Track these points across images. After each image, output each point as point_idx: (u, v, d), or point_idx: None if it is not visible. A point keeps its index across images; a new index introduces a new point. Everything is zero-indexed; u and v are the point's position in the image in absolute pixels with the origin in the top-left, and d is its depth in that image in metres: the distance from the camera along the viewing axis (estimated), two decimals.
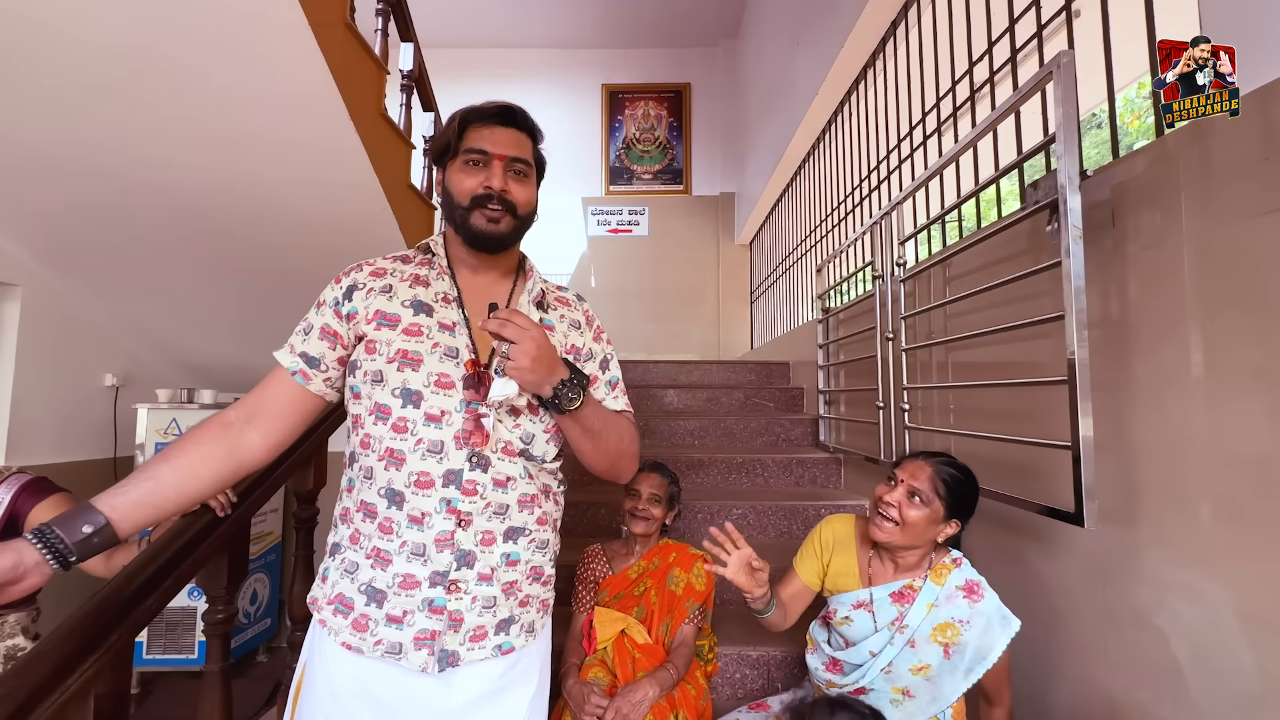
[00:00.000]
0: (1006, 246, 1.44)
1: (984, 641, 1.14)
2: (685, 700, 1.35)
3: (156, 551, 1.10)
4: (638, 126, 5.93)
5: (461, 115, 0.97)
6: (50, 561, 0.78)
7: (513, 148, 0.96)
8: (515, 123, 0.98)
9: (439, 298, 0.97)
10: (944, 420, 1.76)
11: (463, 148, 0.95)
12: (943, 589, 1.19)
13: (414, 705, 0.90)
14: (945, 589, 1.19)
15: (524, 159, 0.97)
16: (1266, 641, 0.86)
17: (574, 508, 2.30)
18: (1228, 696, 0.92)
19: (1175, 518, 1.01)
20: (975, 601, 1.17)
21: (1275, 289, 0.86)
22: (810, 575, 1.36)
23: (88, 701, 0.94)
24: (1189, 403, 0.99)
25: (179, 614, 2.99)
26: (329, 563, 0.95)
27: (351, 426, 0.96)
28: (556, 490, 1.03)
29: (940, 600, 1.18)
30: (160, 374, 3.43)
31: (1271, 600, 0.86)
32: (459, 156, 0.95)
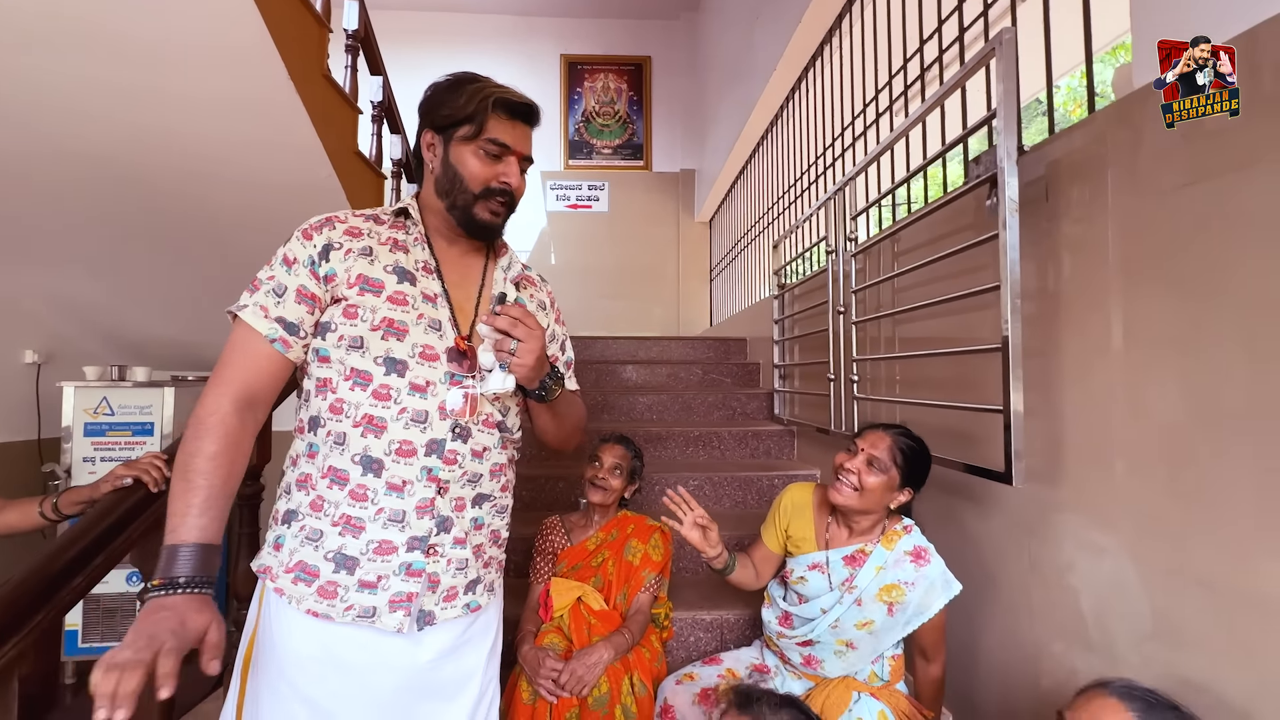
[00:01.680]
0: (952, 221, 1.49)
1: (926, 600, 1.23)
2: (640, 663, 1.38)
3: (85, 529, 1.04)
4: (597, 100, 5.82)
5: (493, 98, 0.93)
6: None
7: (528, 146, 0.99)
8: (532, 121, 0.99)
9: (420, 266, 0.97)
10: (890, 391, 1.83)
11: (484, 135, 0.93)
12: (892, 553, 1.26)
13: (383, 666, 0.90)
14: (894, 553, 1.26)
15: (531, 158, 1.00)
16: (1175, 590, 0.94)
17: (533, 482, 2.30)
18: (1139, 645, 1.00)
19: (1093, 476, 1.09)
20: (921, 566, 1.24)
21: (1188, 260, 0.92)
22: (772, 541, 1.43)
23: (11, 684, 0.90)
24: (1109, 370, 1.05)
25: (117, 600, 2.86)
26: (282, 530, 0.93)
27: (314, 390, 0.93)
28: (516, 459, 1.10)
29: (889, 564, 1.26)
30: (87, 350, 3.22)
31: (1171, 550, 0.94)
32: (476, 141, 0.93)
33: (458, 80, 0.95)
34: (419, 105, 0.98)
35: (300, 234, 0.93)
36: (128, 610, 2.88)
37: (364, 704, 0.90)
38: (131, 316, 3.07)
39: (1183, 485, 0.93)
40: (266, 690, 0.90)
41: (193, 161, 2.10)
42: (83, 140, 1.93)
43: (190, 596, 0.76)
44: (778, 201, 3.51)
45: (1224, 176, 0.87)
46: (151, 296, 2.96)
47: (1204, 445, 0.89)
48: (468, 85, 0.94)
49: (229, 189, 2.25)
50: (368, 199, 2.58)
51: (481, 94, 0.92)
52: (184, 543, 0.79)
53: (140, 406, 2.98)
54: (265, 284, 0.90)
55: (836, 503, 1.30)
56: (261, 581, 0.95)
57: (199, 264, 2.71)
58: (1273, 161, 0.81)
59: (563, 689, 1.23)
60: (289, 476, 0.95)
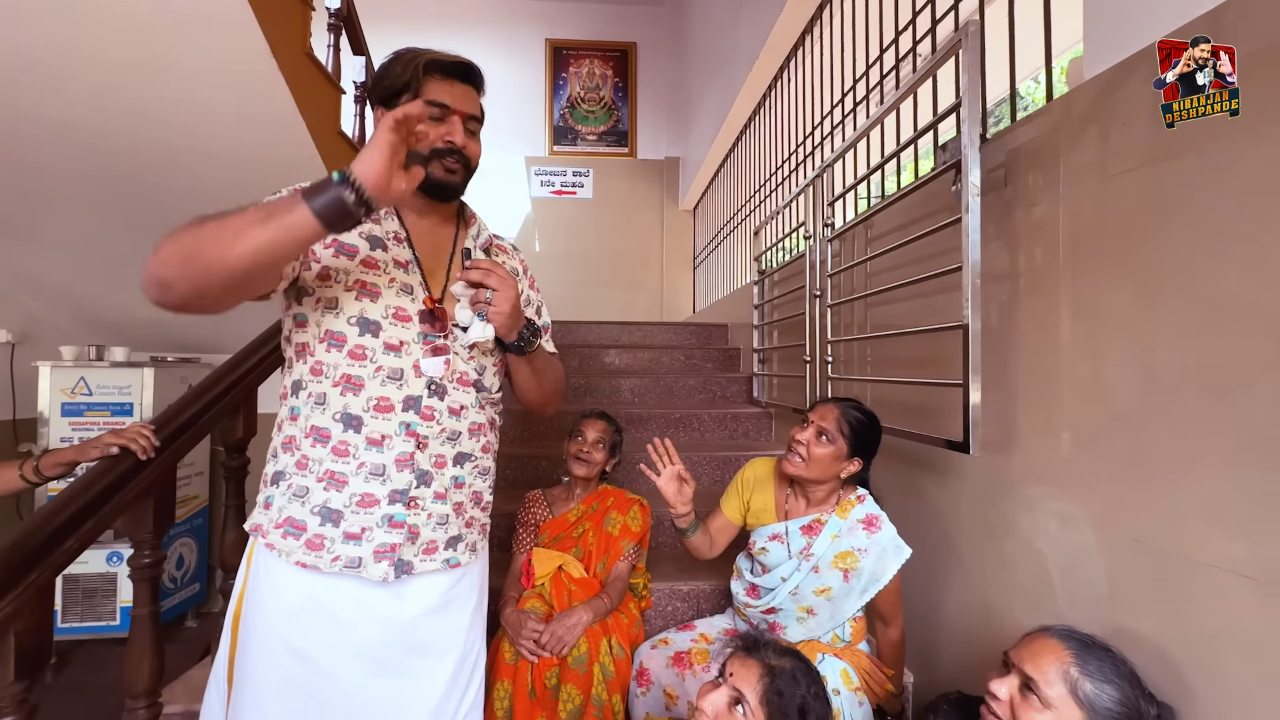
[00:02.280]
0: (923, 206, 1.55)
1: (879, 567, 1.29)
2: (619, 627, 1.44)
3: (76, 493, 1.07)
4: (582, 85, 5.80)
5: (424, 62, 0.96)
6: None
7: (471, 105, 1.00)
8: (473, 80, 1.00)
9: (390, 236, 1.00)
10: (863, 370, 1.90)
11: (423, 99, 0.95)
12: (845, 521, 1.33)
13: (370, 618, 0.94)
14: (848, 521, 1.33)
15: (478, 116, 1.01)
16: (1113, 548, 1.02)
17: (516, 461, 2.34)
18: (1081, 599, 1.08)
19: (1043, 446, 1.16)
20: (873, 533, 1.31)
21: (1127, 240, 0.99)
22: (733, 511, 1.49)
23: (8, 638, 0.93)
24: (1060, 346, 1.12)
25: (97, 581, 2.86)
26: (271, 491, 0.96)
27: (294, 356, 0.97)
28: (498, 423, 1.13)
29: (843, 531, 1.32)
30: (63, 330, 3.18)
31: (1116, 513, 1.01)
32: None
33: (395, 54, 0.99)
34: (365, 85, 1.01)
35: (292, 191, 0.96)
36: (108, 590, 2.88)
37: (351, 656, 0.94)
38: (109, 295, 3.03)
39: (1120, 453, 1.00)
40: (257, 643, 0.93)
41: (174, 138, 2.09)
42: (60, 112, 1.91)
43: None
44: (760, 189, 3.56)
45: (1158, 164, 0.93)
46: (129, 275, 2.91)
47: (1139, 416, 0.97)
48: (403, 57, 0.98)
49: (211, 167, 2.24)
50: None
51: (414, 60, 0.96)
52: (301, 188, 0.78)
53: (119, 387, 2.96)
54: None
55: (787, 472, 1.36)
56: (252, 540, 0.98)
57: None
58: (1198, 151, 0.87)
59: (543, 649, 1.29)
60: (275, 441, 0.99)
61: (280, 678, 0.92)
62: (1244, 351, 0.81)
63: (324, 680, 0.92)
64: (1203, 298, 0.87)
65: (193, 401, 1.36)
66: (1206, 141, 0.86)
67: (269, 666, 0.93)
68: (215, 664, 1.04)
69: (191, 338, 3.41)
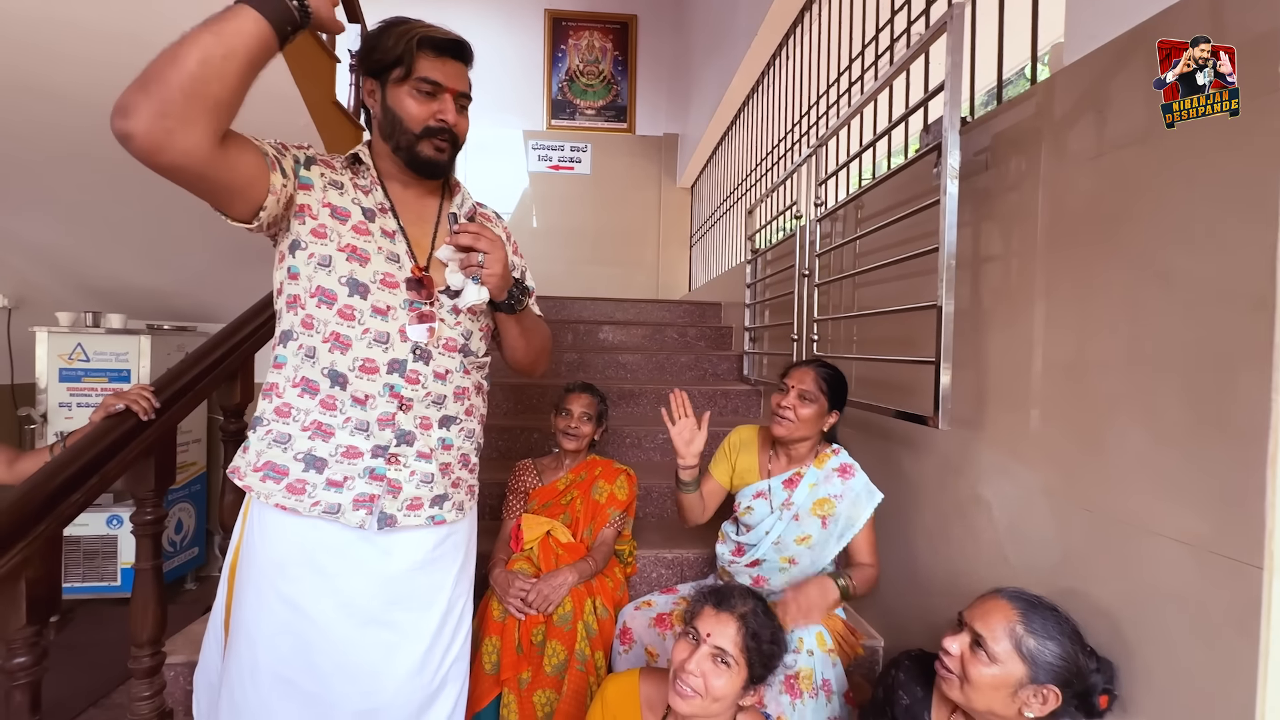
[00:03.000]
0: (909, 189, 1.58)
1: (853, 512, 1.39)
2: (603, 589, 1.50)
3: (82, 449, 1.11)
4: (581, 58, 5.73)
5: (417, 38, 0.96)
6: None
7: (462, 82, 1.01)
8: (464, 57, 1.01)
9: (377, 206, 1.03)
10: (848, 350, 1.94)
11: (415, 75, 0.96)
12: (822, 471, 1.44)
13: (356, 571, 0.99)
14: (824, 471, 1.44)
15: (468, 94, 1.03)
16: (1066, 517, 1.07)
17: (509, 432, 2.39)
18: (1038, 565, 1.14)
19: (1009, 420, 1.21)
20: (848, 479, 1.42)
21: (1097, 224, 1.02)
22: (721, 475, 1.57)
23: (19, 584, 0.98)
24: (1030, 325, 1.16)
25: (98, 543, 2.93)
26: (249, 435, 1.01)
27: (285, 307, 1.00)
28: (485, 388, 1.17)
29: (820, 480, 1.43)
30: (58, 296, 3.20)
31: (1071, 484, 1.06)
32: (408, 82, 0.97)
33: (386, 24, 0.99)
34: (356, 55, 1.03)
35: (296, 145, 1.00)
36: (108, 552, 2.95)
37: (339, 606, 0.99)
38: (103, 263, 3.04)
39: (1077, 427, 1.05)
40: (251, 592, 0.99)
41: None
42: (52, 80, 1.91)
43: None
44: (756, 168, 3.56)
45: (1124, 149, 0.97)
46: (124, 243, 2.93)
47: (1095, 391, 1.01)
48: (395, 28, 0.98)
49: None
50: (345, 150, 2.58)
51: (407, 35, 0.96)
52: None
53: (116, 353, 2.99)
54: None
55: (779, 435, 1.45)
56: (247, 498, 1.03)
57: (172, 211, 2.68)
58: (1157, 139, 0.90)
59: (530, 607, 1.35)
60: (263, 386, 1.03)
61: (273, 625, 0.97)
62: (1189, 331, 0.85)
63: (313, 628, 0.97)
64: (1152, 281, 0.91)
65: (191, 366, 1.40)
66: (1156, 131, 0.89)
67: (262, 614, 0.98)
68: (213, 613, 1.10)
69: (187, 307, 3.43)
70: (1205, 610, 0.82)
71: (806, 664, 1.34)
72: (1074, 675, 0.92)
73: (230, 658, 1.00)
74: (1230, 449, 0.79)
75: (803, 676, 1.33)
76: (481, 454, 1.20)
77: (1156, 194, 0.92)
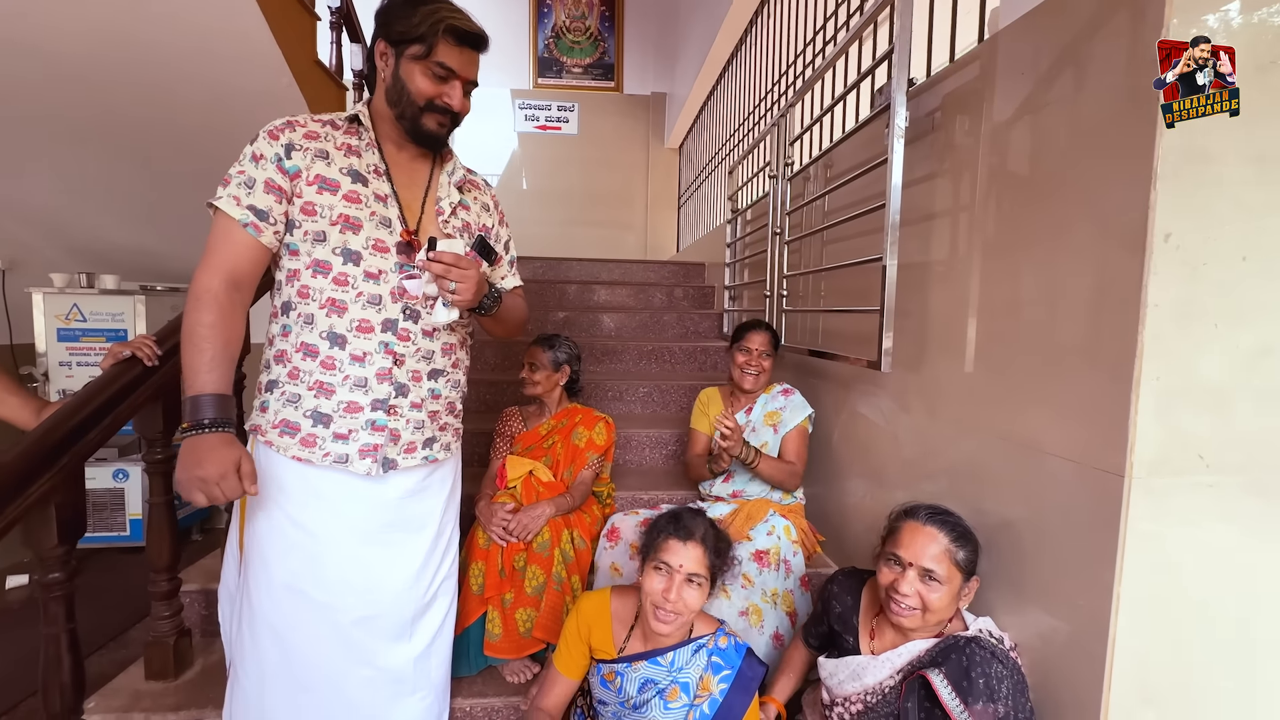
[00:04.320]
0: (869, 149, 1.65)
1: (791, 416, 1.78)
2: (580, 523, 1.64)
3: (94, 392, 1.22)
4: (568, 14, 5.63)
5: (445, 24, 1.02)
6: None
7: (474, 71, 1.09)
8: (480, 48, 1.08)
9: (371, 169, 1.10)
10: (815, 304, 2.05)
11: (433, 57, 1.03)
12: (769, 395, 1.84)
13: (356, 499, 1.11)
14: (771, 394, 1.84)
15: (476, 81, 1.10)
16: (985, 445, 1.19)
17: (495, 386, 2.51)
18: (963, 489, 1.26)
19: (943, 362, 1.33)
20: (789, 396, 1.82)
21: (1021, 178, 1.12)
22: (704, 426, 1.88)
23: (49, 508, 1.10)
24: (968, 274, 1.27)
25: (106, 495, 3.06)
26: (266, 397, 1.11)
27: (284, 280, 1.09)
28: (469, 342, 1.27)
29: (768, 400, 1.83)
30: (51, 259, 3.24)
31: (990, 416, 1.18)
32: (425, 61, 1.03)
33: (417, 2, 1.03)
34: (375, 13, 1.07)
35: (266, 134, 1.05)
36: (116, 504, 3.09)
37: (341, 527, 1.11)
38: (94, 224, 3.09)
39: (993, 365, 1.17)
40: (261, 513, 1.10)
41: (150, 70, 2.11)
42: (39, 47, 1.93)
43: (218, 434, 0.94)
44: (739, 128, 3.59)
45: (1040, 111, 1.05)
46: (113, 204, 2.97)
47: (1008, 333, 1.13)
48: (423, 5, 1.03)
49: (187, 97, 2.27)
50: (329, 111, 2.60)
51: (435, 17, 1.02)
52: (202, 392, 0.95)
53: (112, 313, 3.06)
54: (236, 178, 1.02)
55: (750, 387, 1.81)
56: (252, 440, 1.13)
57: (160, 172, 2.72)
58: (1066, 103, 0.99)
59: (511, 535, 1.48)
60: (267, 354, 1.12)
61: (284, 543, 1.09)
62: (1082, 275, 0.96)
63: (320, 546, 1.10)
64: (1059, 230, 1.01)
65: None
66: (1079, 97, 0.98)
67: (273, 533, 1.10)
68: (229, 539, 1.22)
69: (177, 269, 3.48)
70: (1081, 514, 0.96)
71: (775, 544, 1.60)
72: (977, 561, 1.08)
73: (247, 572, 1.12)
74: (1104, 376, 0.91)
75: (771, 553, 1.59)
76: (468, 405, 1.31)
77: (1062, 153, 1.01)
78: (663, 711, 1.18)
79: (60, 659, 1.15)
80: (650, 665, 1.22)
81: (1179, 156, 0.84)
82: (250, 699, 1.11)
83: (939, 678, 0.98)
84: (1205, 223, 0.85)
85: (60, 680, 1.15)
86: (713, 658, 1.21)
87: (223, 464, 0.92)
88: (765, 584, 1.53)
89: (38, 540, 1.10)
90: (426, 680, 1.22)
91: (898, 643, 1.11)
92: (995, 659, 0.97)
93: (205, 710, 1.34)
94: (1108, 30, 0.93)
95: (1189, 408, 0.87)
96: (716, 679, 1.19)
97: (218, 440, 0.93)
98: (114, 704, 1.34)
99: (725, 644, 1.22)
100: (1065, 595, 1.00)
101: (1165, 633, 0.90)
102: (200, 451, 0.92)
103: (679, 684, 1.20)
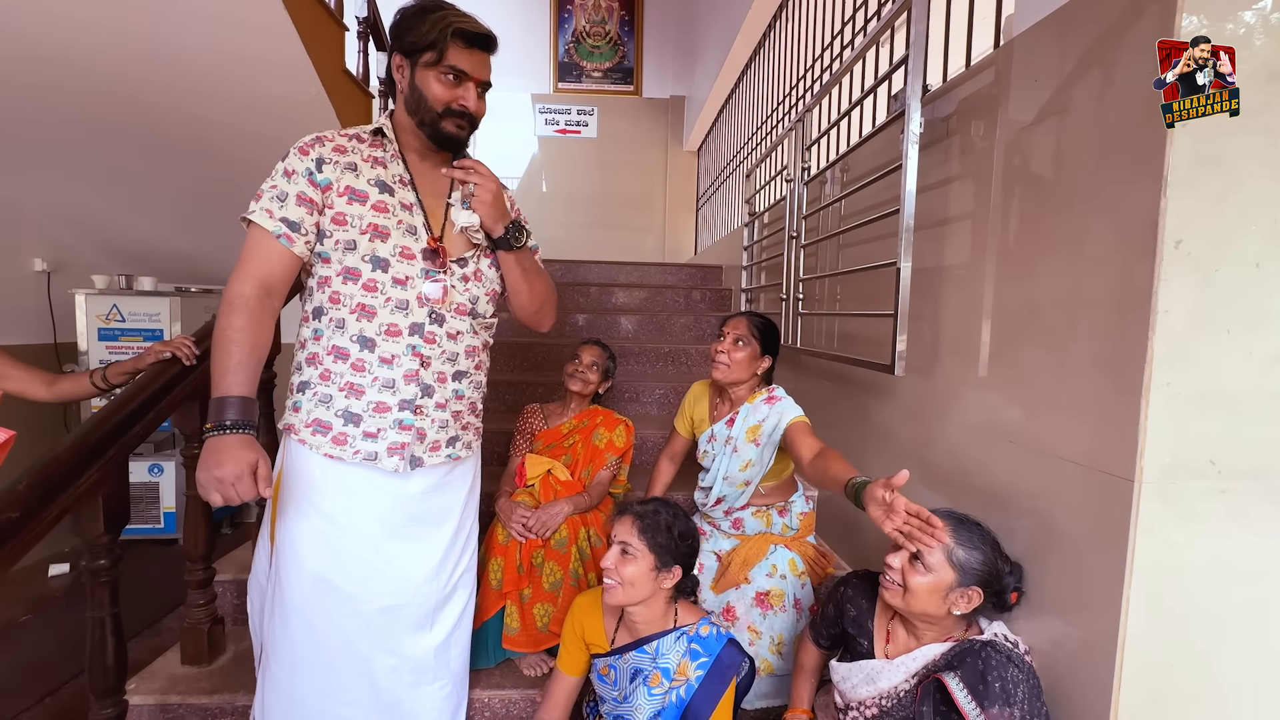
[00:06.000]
0: (886, 153, 1.67)
1: (778, 422, 1.50)
2: (596, 521, 1.67)
3: (138, 389, 1.29)
4: (588, 19, 5.69)
5: (452, 28, 1.07)
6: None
7: (486, 72, 1.13)
8: (490, 49, 1.13)
9: (396, 179, 1.16)
10: (832, 307, 2.06)
11: (445, 62, 1.08)
12: (753, 405, 1.56)
13: (381, 493, 1.16)
14: (754, 404, 1.56)
15: (489, 82, 1.15)
16: (994, 449, 1.20)
17: (515, 387, 2.56)
18: (975, 490, 1.28)
19: (956, 367, 1.34)
20: (773, 404, 1.54)
21: (1035, 184, 1.12)
22: (683, 427, 1.76)
23: (97, 499, 1.17)
24: (981, 279, 1.27)
25: (141, 489, 3.18)
26: (299, 397, 1.16)
27: (315, 286, 1.14)
28: (490, 345, 1.32)
29: (750, 412, 1.56)
30: (92, 261, 3.39)
31: (1000, 420, 1.19)
32: (437, 67, 1.09)
33: (422, 7, 1.09)
34: (389, 28, 1.13)
35: (297, 150, 1.11)
36: (151, 498, 3.21)
37: (367, 519, 1.16)
38: (133, 228, 3.22)
39: (1005, 370, 1.18)
40: (292, 506, 1.16)
41: (184, 78, 2.20)
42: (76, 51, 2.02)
43: (239, 436, 0.99)
44: (756, 132, 3.60)
45: (1052, 118, 1.06)
46: (151, 210, 3.09)
47: (1021, 339, 1.14)
48: (431, 13, 1.08)
49: (221, 106, 2.36)
50: (357, 118, 2.68)
51: (442, 23, 1.06)
52: (227, 394, 1.00)
53: (149, 314, 3.19)
54: (269, 192, 1.08)
55: (716, 378, 1.58)
56: (284, 438, 1.19)
57: (195, 178, 2.83)
58: (1078, 111, 1.00)
59: (529, 531, 1.52)
60: (299, 356, 1.18)
61: (312, 532, 1.15)
62: (1095, 281, 0.97)
63: (346, 536, 1.15)
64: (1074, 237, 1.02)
65: None
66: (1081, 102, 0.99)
67: (302, 523, 1.15)
68: (260, 533, 1.28)
69: (211, 271, 3.60)
70: (1092, 519, 0.96)
71: (778, 585, 1.53)
72: (993, 577, 1.07)
73: (278, 563, 1.17)
74: (1116, 381, 0.92)
75: (773, 595, 1.51)
76: (489, 406, 1.36)
77: (1075, 159, 1.02)
78: (646, 697, 1.24)
79: (105, 641, 1.21)
80: (638, 654, 1.28)
81: (1190, 163, 0.85)
82: (282, 684, 1.16)
83: (955, 682, 0.99)
84: (1218, 229, 0.86)
85: (105, 662, 1.21)
86: (692, 644, 1.26)
87: (240, 465, 0.96)
88: (773, 630, 1.48)
89: (86, 528, 1.17)
90: (446, 669, 1.26)
91: (912, 646, 1.12)
92: (1011, 663, 0.98)
93: (238, 694, 1.40)
94: (1122, 36, 0.94)
95: (1201, 413, 0.87)
96: (694, 665, 1.24)
97: (237, 442, 0.98)
98: (153, 686, 1.41)
99: (707, 633, 1.28)
100: (1076, 599, 1.00)
101: (1176, 637, 0.90)
102: (221, 452, 0.97)
103: (660, 669, 1.25)
